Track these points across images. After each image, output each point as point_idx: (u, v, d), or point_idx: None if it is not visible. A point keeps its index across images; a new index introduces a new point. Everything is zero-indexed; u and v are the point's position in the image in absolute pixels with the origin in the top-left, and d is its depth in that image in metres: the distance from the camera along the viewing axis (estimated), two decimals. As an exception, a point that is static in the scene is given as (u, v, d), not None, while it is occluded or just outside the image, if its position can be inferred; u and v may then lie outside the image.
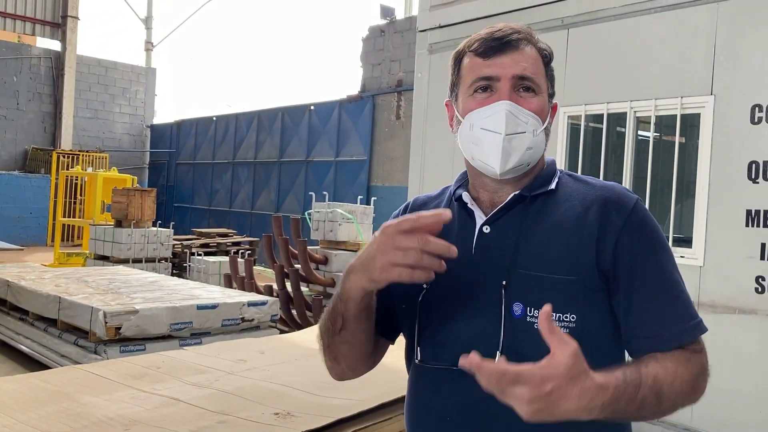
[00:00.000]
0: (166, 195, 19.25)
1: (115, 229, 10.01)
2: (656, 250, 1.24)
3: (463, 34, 4.74)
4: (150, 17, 21.94)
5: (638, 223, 1.24)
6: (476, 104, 1.27)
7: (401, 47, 12.78)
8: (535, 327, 1.15)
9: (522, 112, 1.25)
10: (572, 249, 1.22)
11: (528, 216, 1.26)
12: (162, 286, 4.94)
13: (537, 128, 1.26)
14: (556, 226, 1.25)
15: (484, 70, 1.26)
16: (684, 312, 1.23)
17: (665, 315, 1.21)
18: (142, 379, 2.53)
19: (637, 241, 1.23)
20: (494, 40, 1.27)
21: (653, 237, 1.25)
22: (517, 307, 1.20)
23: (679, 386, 1.15)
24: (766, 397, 3.19)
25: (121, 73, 20.57)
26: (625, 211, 1.25)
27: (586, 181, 1.33)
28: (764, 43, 3.26)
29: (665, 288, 1.23)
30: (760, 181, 3.21)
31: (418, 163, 5.12)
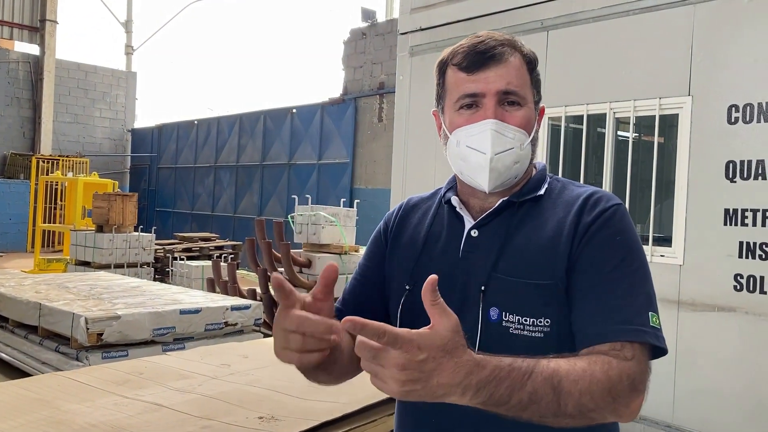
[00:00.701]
0: (147, 199, 19.12)
1: (96, 234, 9.93)
2: (615, 252, 1.20)
3: (443, 36, 4.78)
4: (130, 21, 21.81)
5: (604, 223, 1.22)
6: (462, 120, 1.27)
7: (383, 50, 12.80)
8: (510, 332, 1.20)
9: (508, 129, 1.25)
10: (549, 253, 1.22)
11: (514, 221, 1.27)
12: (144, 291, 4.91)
13: (523, 141, 1.27)
14: (539, 231, 1.25)
15: (469, 86, 1.26)
16: (624, 314, 1.14)
17: (600, 313, 1.15)
18: (125, 385, 2.52)
19: (595, 239, 1.21)
20: (477, 54, 1.26)
21: (617, 237, 1.21)
22: (494, 311, 1.21)
23: (587, 386, 1.03)
24: (747, 393, 3.23)
25: (101, 77, 20.41)
26: (598, 210, 1.23)
27: (573, 186, 1.33)
28: (739, 45, 3.31)
29: (613, 289, 1.17)
30: (737, 181, 3.25)
31: (400, 165, 5.13)
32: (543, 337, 1.19)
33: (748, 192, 3.21)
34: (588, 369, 1.06)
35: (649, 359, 1.13)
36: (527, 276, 1.21)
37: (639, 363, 1.10)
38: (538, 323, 1.19)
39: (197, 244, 11.70)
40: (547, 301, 1.19)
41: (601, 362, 1.08)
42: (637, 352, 1.11)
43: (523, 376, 1.00)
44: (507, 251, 1.24)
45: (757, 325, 3.17)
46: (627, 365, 1.09)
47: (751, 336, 3.20)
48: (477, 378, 0.96)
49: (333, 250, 6.92)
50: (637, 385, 1.09)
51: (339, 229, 6.98)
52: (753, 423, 3.20)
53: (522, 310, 1.19)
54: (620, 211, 1.24)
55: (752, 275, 3.19)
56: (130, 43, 21.80)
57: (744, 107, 3.25)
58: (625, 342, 1.11)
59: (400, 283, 1.33)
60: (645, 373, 1.11)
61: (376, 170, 12.74)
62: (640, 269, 1.19)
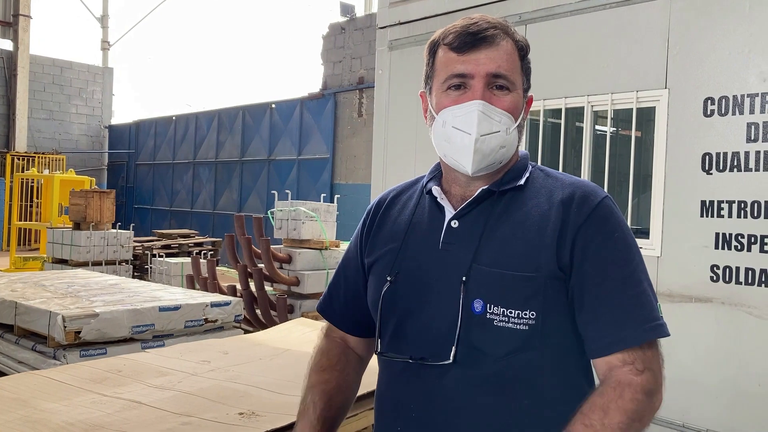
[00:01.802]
0: (125, 196, 18.94)
1: (73, 231, 9.80)
2: (616, 248, 1.20)
3: (422, 30, 4.77)
4: (105, 16, 21.53)
5: (600, 220, 1.21)
6: (450, 101, 1.26)
7: (362, 44, 12.77)
8: (495, 324, 1.19)
9: (495, 112, 1.24)
10: (533, 245, 1.20)
11: (495, 211, 1.26)
12: (123, 289, 4.86)
13: (510, 126, 1.25)
14: (521, 222, 1.24)
15: (458, 67, 1.25)
16: (640, 314, 1.17)
17: (615, 317, 1.17)
18: (103, 383, 2.49)
19: (595, 237, 1.21)
20: (469, 35, 1.25)
21: (614, 234, 1.21)
22: (478, 303, 1.20)
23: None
24: (723, 382, 3.28)
25: (77, 73, 20.14)
26: (589, 207, 1.22)
27: (556, 176, 1.31)
28: (715, 38, 3.34)
29: (624, 290, 1.18)
30: (713, 173, 3.29)
31: (380, 160, 5.12)
32: (528, 330, 1.18)
33: (724, 184, 3.25)
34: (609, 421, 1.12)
35: (659, 347, 1.20)
36: (511, 268, 1.20)
37: (652, 369, 1.17)
38: (523, 315, 1.18)
39: (176, 240, 11.62)
40: (532, 294, 1.18)
41: (615, 402, 1.13)
42: (649, 354, 1.17)
43: None
44: (488, 242, 1.23)
45: (732, 315, 3.22)
46: (640, 382, 1.15)
47: (728, 326, 3.24)
48: None
49: (313, 245, 6.90)
50: (654, 391, 1.17)
51: (319, 224, 6.96)
52: (731, 412, 3.24)
53: (507, 302, 1.18)
54: (609, 206, 1.24)
55: (728, 266, 3.23)
56: (106, 38, 21.52)
57: (719, 100, 3.28)
58: (640, 348, 1.16)
59: (382, 275, 1.33)
60: (659, 371, 1.18)
61: (357, 165, 12.72)
62: (640, 264, 1.22)
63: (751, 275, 3.15)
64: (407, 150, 4.80)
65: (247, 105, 15.71)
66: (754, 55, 3.20)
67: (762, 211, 3.11)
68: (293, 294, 6.72)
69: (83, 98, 20.21)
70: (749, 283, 3.16)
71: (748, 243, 3.16)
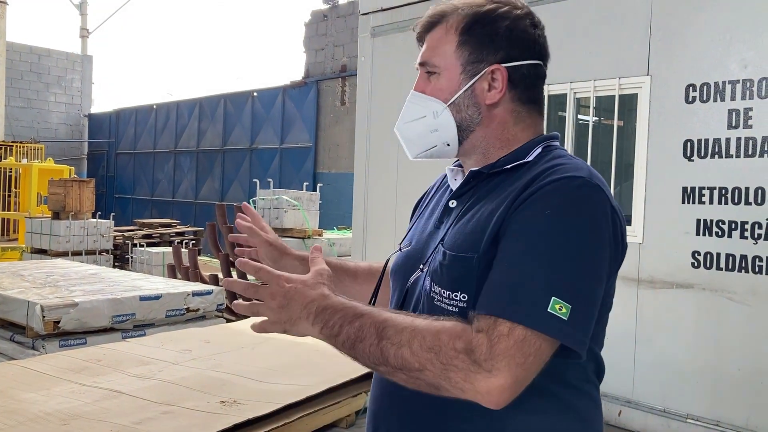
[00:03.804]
0: (106, 186, 18.74)
1: (52, 221, 9.69)
2: (535, 225, 1.08)
3: (405, 16, 4.73)
4: (84, 3, 21.21)
5: (543, 196, 1.10)
6: None
7: (344, 32, 12.69)
8: (435, 302, 1.18)
9: (420, 98, 1.27)
10: (481, 225, 1.15)
11: (477, 193, 1.24)
12: (103, 278, 4.81)
13: (437, 109, 1.25)
14: (488, 203, 1.18)
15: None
16: (514, 291, 1.04)
17: (493, 285, 1.07)
18: (82, 372, 2.45)
19: (525, 211, 1.09)
20: (416, 34, 1.31)
21: (545, 212, 1.08)
22: (427, 281, 1.21)
23: (407, 338, 1.03)
24: (704, 367, 3.30)
25: (56, 61, 19.83)
26: (543, 183, 1.12)
27: (558, 159, 1.19)
28: (696, 25, 3.35)
29: (516, 264, 1.07)
30: (695, 159, 3.30)
31: (363, 149, 5.09)
32: (458, 312, 1.12)
33: (705, 170, 3.26)
34: (419, 325, 1.04)
35: (541, 347, 1.02)
36: (457, 249, 1.16)
37: (490, 339, 1.00)
38: (453, 297, 1.15)
39: (157, 230, 11.51)
40: (463, 275, 1.13)
41: (441, 325, 1.04)
42: (502, 331, 1.00)
43: (355, 315, 1.08)
44: (457, 223, 1.22)
45: (713, 301, 3.24)
46: (470, 335, 1.02)
47: (708, 311, 3.27)
48: (318, 305, 1.08)
49: (296, 234, 6.86)
50: (482, 362, 0.99)
51: (302, 213, 6.92)
52: (711, 396, 3.27)
53: (442, 282, 1.17)
54: (572, 185, 1.10)
55: (709, 252, 3.25)
56: (85, 25, 21.20)
57: (701, 87, 3.29)
58: (497, 317, 1.02)
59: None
60: (501, 354, 0.99)
61: (339, 154, 12.67)
62: (560, 250, 1.06)
63: (731, 261, 3.17)
64: (390, 138, 4.77)
65: (228, 93, 15.58)
66: (736, 42, 3.21)
67: (743, 197, 3.13)
68: (276, 283, 6.68)
69: (62, 86, 19.93)
70: (730, 269, 3.18)
71: (728, 229, 3.18)
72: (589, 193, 1.11)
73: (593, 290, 1.08)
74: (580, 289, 1.06)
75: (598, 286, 1.09)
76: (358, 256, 5.00)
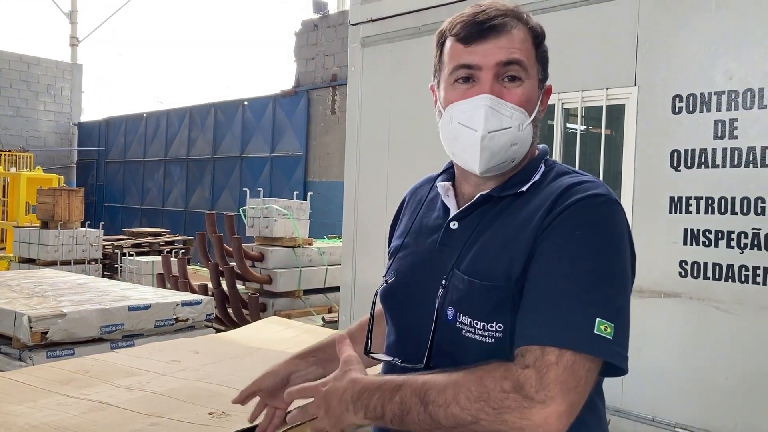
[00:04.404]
0: (95, 194, 18.66)
1: (41, 230, 9.63)
2: (568, 247, 1.06)
3: (394, 27, 4.76)
4: (75, 11, 21.15)
5: (570, 215, 1.08)
6: (457, 96, 1.18)
7: (335, 41, 12.72)
8: (463, 334, 1.13)
9: (505, 106, 1.15)
10: (508, 253, 1.11)
11: (487, 216, 1.19)
12: (92, 288, 4.78)
13: (523, 122, 1.16)
14: (506, 228, 1.15)
15: (465, 58, 1.16)
16: (556, 317, 1.03)
17: (532, 313, 1.05)
18: (70, 384, 2.44)
19: (554, 233, 1.08)
20: (476, 24, 1.15)
21: (576, 232, 1.07)
22: (450, 311, 1.15)
23: (452, 396, 1.00)
24: (692, 376, 3.32)
25: (45, 70, 19.76)
26: (570, 201, 1.10)
27: (568, 176, 1.19)
28: (682, 36, 3.38)
29: (552, 288, 1.05)
30: (681, 169, 3.33)
31: (353, 158, 5.10)
32: (494, 343, 1.10)
33: (692, 180, 3.29)
34: (459, 378, 1.02)
35: (590, 368, 1.01)
36: (483, 276, 1.12)
37: (539, 371, 0.99)
38: (489, 328, 1.10)
39: (147, 239, 11.47)
40: (498, 305, 1.10)
41: (481, 370, 1.02)
42: (550, 360, 0.99)
43: (393, 389, 1.05)
44: (473, 247, 1.16)
45: (700, 310, 3.26)
46: (516, 373, 1.00)
47: (696, 321, 3.29)
48: (351, 393, 1.08)
49: (286, 243, 6.86)
50: (534, 395, 0.98)
51: (292, 222, 6.92)
52: (699, 405, 3.29)
53: (473, 312, 1.12)
54: (595, 203, 1.10)
55: (696, 261, 3.27)
56: (75, 34, 21.13)
57: (687, 97, 3.33)
58: (543, 346, 1.00)
59: (386, 271, 1.33)
60: (553, 382, 0.98)
61: (330, 163, 12.68)
62: (596, 270, 1.05)
63: (718, 270, 3.20)
64: (380, 147, 4.79)
65: (219, 102, 15.56)
66: (720, 53, 3.25)
67: (729, 207, 3.16)
68: (265, 292, 6.68)
69: (51, 95, 19.85)
70: (717, 278, 3.20)
71: (715, 238, 3.20)
72: (612, 211, 1.12)
73: (627, 305, 1.10)
74: (618, 306, 1.06)
75: (629, 300, 1.11)
76: (349, 264, 5.00)
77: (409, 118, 4.55)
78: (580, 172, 1.21)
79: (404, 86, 4.59)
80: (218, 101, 15.59)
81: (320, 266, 7.02)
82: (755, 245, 3.09)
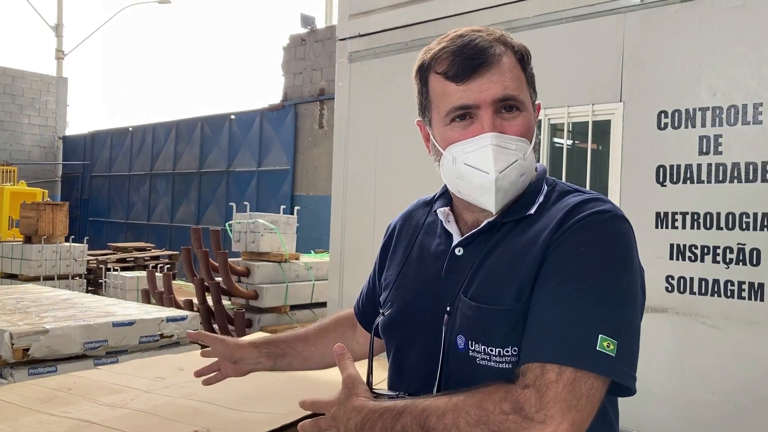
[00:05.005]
0: (80, 209, 18.53)
1: (24, 245, 9.54)
2: (573, 262, 1.05)
3: (382, 42, 4.77)
4: (60, 25, 21.09)
5: (576, 231, 1.07)
6: (457, 135, 1.13)
7: (322, 56, 12.76)
8: (477, 362, 1.09)
9: (509, 141, 1.12)
10: (518, 274, 1.09)
11: (493, 240, 1.16)
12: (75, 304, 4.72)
13: (526, 151, 1.14)
14: (514, 251, 1.12)
15: (460, 98, 1.11)
16: (558, 333, 1.00)
17: (535, 329, 1.03)
18: (52, 402, 2.40)
19: (560, 249, 1.06)
20: (465, 60, 1.11)
21: (580, 248, 1.05)
22: (461, 340, 1.11)
23: (452, 421, 0.98)
24: (678, 390, 3.32)
25: (30, 83, 19.67)
26: (576, 218, 1.08)
27: (571, 195, 1.17)
28: (666, 53, 3.41)
29: (556, 303, 1.03)
30: (667, 185, 3.35)
31: (341, 172, 5.09)
32: (511, 368, 1.06)
33: (678, 195, 3.31)
34: (459, 402, 1.00)
35: (593, 387, 0.99)
36: (493, 301, 1.09)
37: (539, 390, 0.97)
38: (504, 353, 1.07)
39: (132, 254, 11.39)
40: (512, 328, 1.07)
41: (481, 393, 1.00)
42: (550, 378, 0.97)
43: (394, 416, 1.03)
44: (479, 273, 1.13)
45: (687, 325, 3.27)
46: (516, 393, 0.98)
47: (682, 335, 3.30)
48: (355, 422, 1.08)
49: (273, 258, 6.82)
50: (533, 415, 0.95)
51: (278, 236, 6.89)
52: (685, 420, 3.29)
53: (487, 339, 1.08)
54: (600, 219, 1.08)
55: (682, 276, 3.28)
56: (60, 47, 21.07)
57: (672, 113, 3.35)
58: (546, 363, 0.98)
59: (382, 302, 1.30)
60: (552, 401, 0.96)
61: (317, 177, 12.67)
62: (599, 286, 1.03)
63: (704, 285, 3.21)
64: (368, 162, 4.79)
65: (206, 116, 15.54)
66: (705, 70, 3.28)
67: (714, 222, 3.18)
68: (252, 308, 6.63)
69: (36, 108, 19.74)
70: (702, 293, 3.21)
71: (701, 254, 3.22)
72: (617, 226, 1.11)
73: (634, 321, 1.08)
74: (623, 322, 1.04)
75: (637, 316, 1.09)
76: (336, 279, 4.98)
77: (397, 133, 4.55)
78: (584, 190, 1.20)
79: (392, 101, 4.59)
80: (205, 115, 15.57)
81: (307, 281, 6.99)
82: (740, 260, 3.11)
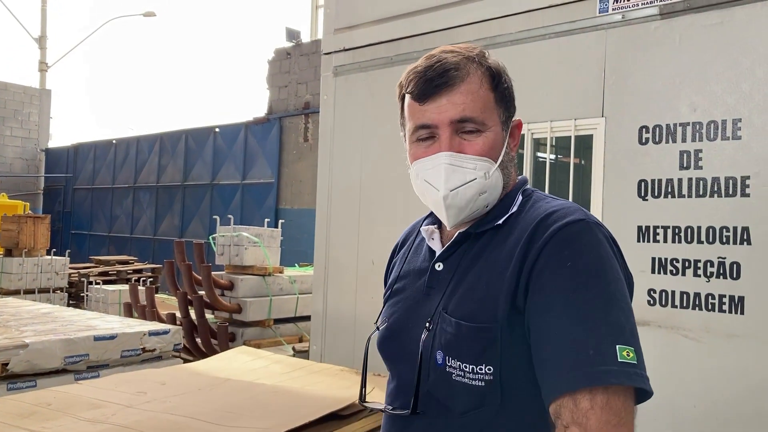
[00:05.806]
0: (62, 222, 18.36)
1: (4, 258, 9.44)
2: (564, 281, 1.04)
3: (367, 57, 4.80)
4: (44, 37, 20.98)
5: (557, 245, 1.07)
6: (420, 152, 1.19)
7: (308, 69, 12.79)
8: (453, 378, 1.10)
9: (466, 160, 1.14)
10: (492, 291, 1.10)
11: (469, 254, 1.17)
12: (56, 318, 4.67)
13: (489, 170, 1.15)
14: (489, 265, 1.13)
15: (421, 118, 1.16)
16: (580, 356, 0.99)
17: (554, 360, 1.02)
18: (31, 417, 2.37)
19: (547, 266, 1.06)
20: (426, 82, 1.15)
21: (566, 264, 1.06)
22: (439, 355, 1.12)
23: None
24: (661, 403, 3.34)
25: (12, 95, 19.52)
26: (548, 234, 1.08)
27: (544, 203, 1.18)
28: (647, 69, 3.46)
29: (564, 327, 1.02)
30: (649, 199, 3.38)
31: (325, 186, 5.09)
32: (484, 386, 1.07)
33: (659, 209, 3.34)
34: None
35: (626, 398, 1.01)
36: (469, 317, 1.10)
37: (580, 424, 0.97)
38: (478, 371, 1.08)
39: (114, 267, 11.29)
40: (487, 347, 1.07)
41: None
42: (585, 406, 0.98)
43: None
44: (457, 288, 1.15)
45: (669, 338, 3.29)
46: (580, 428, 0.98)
47: (664, 349, 3.32)
48: None
49: (256, 271, 6.79)
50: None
51: (262, 250, 6.86)
52: None
53: (461, 355, 1.09)
54: (574, 230, 1.09)
55: (664, 290, 3.31)
56: (44, 59, 20.96)
57: (653, 128, 3.39)
58: (576, 393, 0.98)
59: (377, 318, 1.31)
60: (596, 429, 0.97)
61: (302, 190, 12.65)
62: (599, 296, 1.04)
63: (685, 299, 3.24)
64: (353, 175, 4.80)
65: (190, 129, 15.50)
66: (684, 86, 3.32)
67: (695, 236, 3.21)
68: (235, 322, 6.59)
69: (18, 120, 19.59)
70: (684, 307, 3.24)
71: (682, 267, 3.25)
72: (594, 234, 1.13)
73: (635, 323, 1.11)
74: (631, 326, 1.07)
75: (633, 315, 1.11)
76: (320, 293, 4.96)
77: (382, 146, 4.57)
78: (555, 197, 1.21)
79: (377, 115, 4.61)
80: (189, 128, 15.53)
81: (291, 295, 6.96)
82: (721, 274, 3.14)
